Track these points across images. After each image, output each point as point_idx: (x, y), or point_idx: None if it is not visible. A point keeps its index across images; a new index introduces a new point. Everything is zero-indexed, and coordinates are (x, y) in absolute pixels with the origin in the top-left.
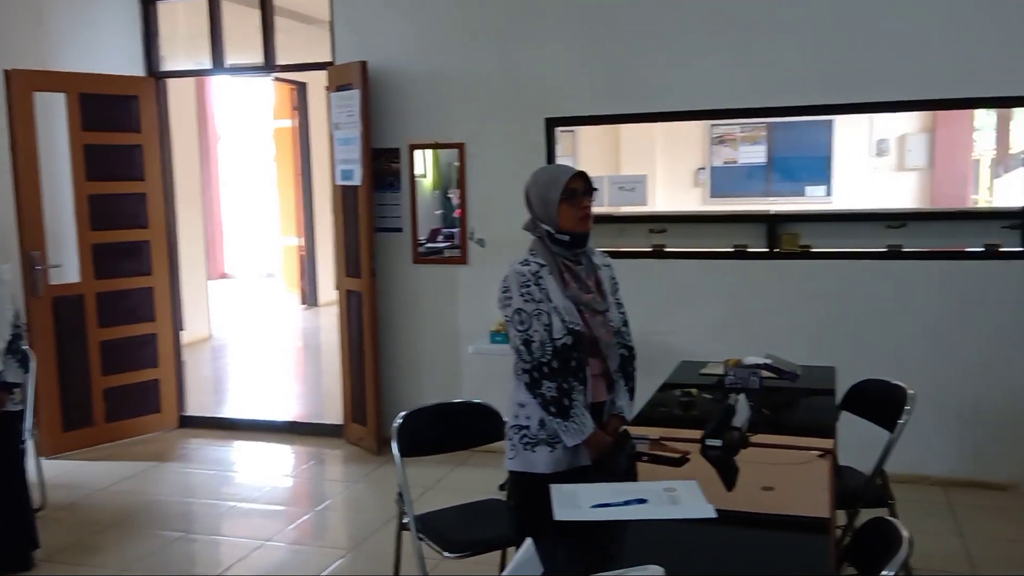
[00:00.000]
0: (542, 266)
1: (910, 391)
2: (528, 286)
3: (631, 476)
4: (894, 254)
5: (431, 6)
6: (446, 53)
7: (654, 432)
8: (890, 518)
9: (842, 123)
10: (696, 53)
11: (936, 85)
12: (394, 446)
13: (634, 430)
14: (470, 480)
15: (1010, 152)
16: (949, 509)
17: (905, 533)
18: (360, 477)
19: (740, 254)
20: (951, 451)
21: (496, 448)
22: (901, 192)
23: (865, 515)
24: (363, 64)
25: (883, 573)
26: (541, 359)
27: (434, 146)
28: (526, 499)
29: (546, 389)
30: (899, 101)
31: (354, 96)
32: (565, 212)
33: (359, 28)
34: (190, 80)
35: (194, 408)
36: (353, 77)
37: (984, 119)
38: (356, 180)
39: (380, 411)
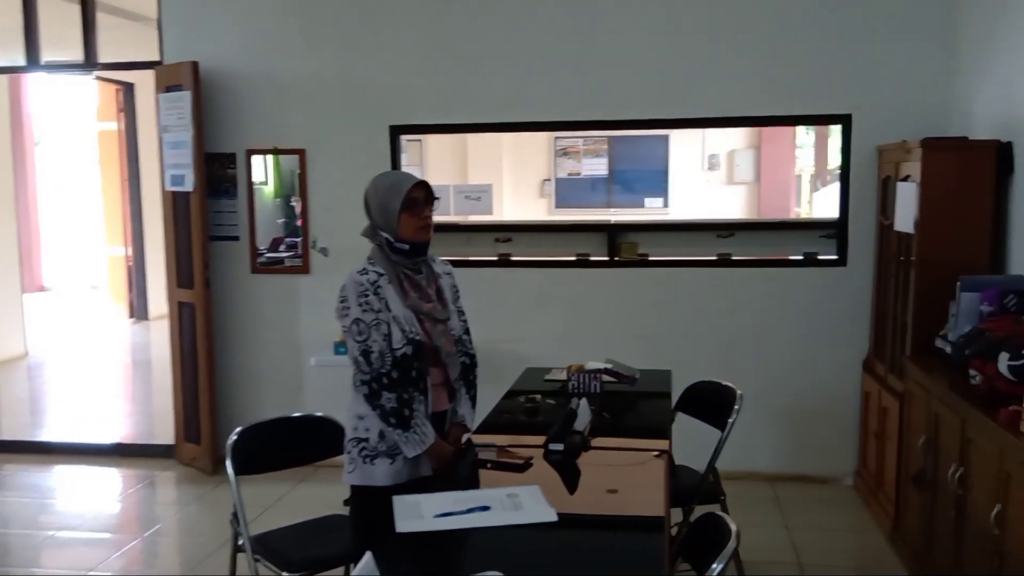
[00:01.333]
0: (381, 275)
1: (739, 391)
2: (366, 295)
3: (474, 484)
4: (724, 262)
5: (268, 6)
6: (285, 55)
7: (500, 439)
8: (720, 513)
9: (677, 139)
10: (541, 66)
11: (760, 103)
12: (228, 464)
13: (479, 438)
14: (314, 496)
15: (827, 168)
16: (776, 502)
17: (733, 527)
18: (194, 499)
19: (582, 262)
20: (777, 447)
21: (341, 462)
22: (731, 204)
23: (700, 511)
24: (194, 64)
25: (713, 566)
26: (380, 370)
27: (273, 152)
28: (367, 513)
29: (385, 400)
30: (727, 117)
31: (184, 98)
32: (405, 221)
33: (189, 27)
34: (3, 78)
35: (7, 431)
36: (183, 78)
37: (804, 137)
38: (187, 186)
39: (216, 429)
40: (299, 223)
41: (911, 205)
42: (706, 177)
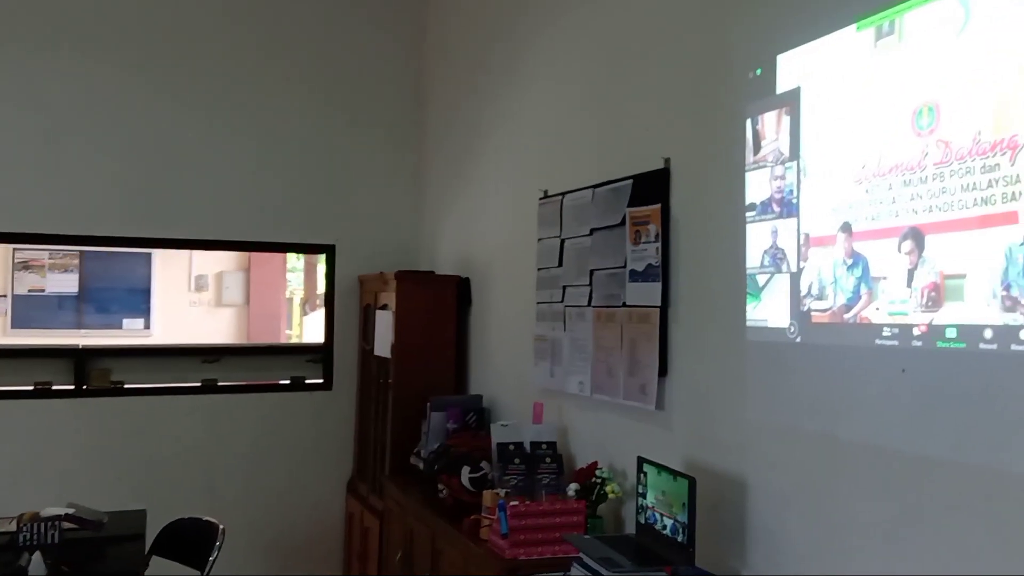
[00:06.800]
0: None
1: (221, 526)
2: None
3: None
4: (209, 388)
5: None
6: None
7: None
8: None
9: (161, 257)
10: None
11: (248, 229)
12: None
13: None
14: None
15: (317, 293)
16: None
17: None
18: None
19: (42, 392)
20: None
21: None
22: (219, 327)
23: None
24: None
25: None
26: None
27: None
28: None
29: None
30: (214, 240)
31: None
32: None
33: None
34: None
35: None
36: None
37: (295, 262)
38: None
39: None
40: None
41: (388, 332)
42: (193, 298)
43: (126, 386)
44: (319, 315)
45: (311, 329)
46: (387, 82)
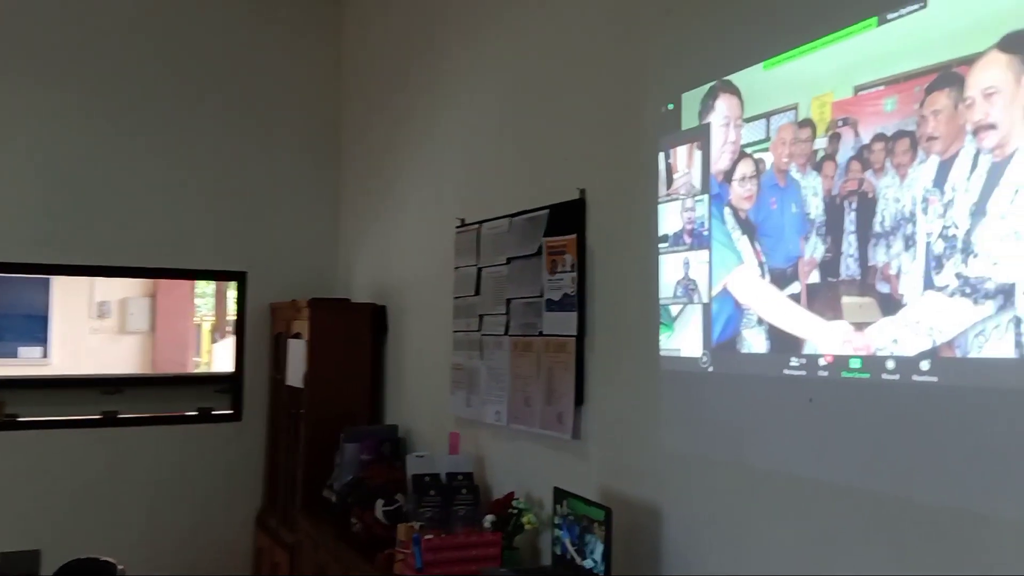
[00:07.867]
0: None
1: (120, 566)
2: None
3: None
4: (109, 421)
5: None
6: None
7: None
8: None
9: (61, 282)
10: None
11: (154, 255)
12: None
13: None
14: None
15: (228, 319)
16: None
17: None
18: None
19: None
20: None
21: None
22: (124, 355)
23: None
24: None
25: None
26: None
27: None
28: None
29: None
30: (118, 267)
31: None
32: None
33: None
34: None
35: None
36: None
37: (205, 287)
38: None
39: None
40: None
41: (301, 361)
42: (95, 325)
43: (20, 419)
44: (230, 342)
45: (221, 356)
46: (303, 107)
